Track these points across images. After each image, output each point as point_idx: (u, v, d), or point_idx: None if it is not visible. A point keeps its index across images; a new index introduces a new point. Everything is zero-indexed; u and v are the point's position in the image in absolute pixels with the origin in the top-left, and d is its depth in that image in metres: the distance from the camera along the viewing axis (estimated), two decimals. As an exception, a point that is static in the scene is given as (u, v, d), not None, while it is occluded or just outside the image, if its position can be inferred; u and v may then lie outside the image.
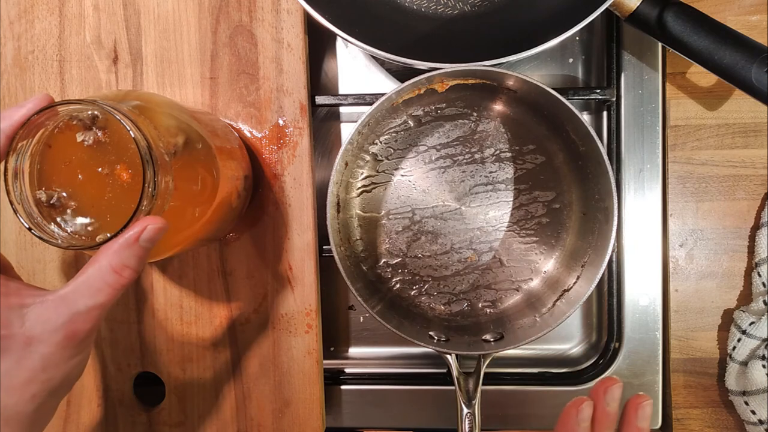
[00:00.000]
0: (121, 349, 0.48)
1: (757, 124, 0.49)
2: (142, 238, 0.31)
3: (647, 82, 0.49)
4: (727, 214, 0.49)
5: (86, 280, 0.31)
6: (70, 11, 0.46)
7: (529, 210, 0.49)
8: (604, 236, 0.43)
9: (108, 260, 0.31)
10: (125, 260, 0.31)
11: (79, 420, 0.48)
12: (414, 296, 0.50)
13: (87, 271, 0.31)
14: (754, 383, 0.46)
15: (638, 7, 0.42)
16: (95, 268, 0.31)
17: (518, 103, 0.47)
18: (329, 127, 0.53)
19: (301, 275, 0.47)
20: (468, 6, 0.48)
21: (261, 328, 0.47)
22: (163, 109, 0.36)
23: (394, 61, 0.41)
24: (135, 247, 0.31)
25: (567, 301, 0.45)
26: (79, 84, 0.46)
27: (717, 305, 0.50)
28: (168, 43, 0.46)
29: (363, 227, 0.50)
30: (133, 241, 0.31)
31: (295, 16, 0.45)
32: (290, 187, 0.46)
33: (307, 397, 0.47)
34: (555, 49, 0.52)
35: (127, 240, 0.31)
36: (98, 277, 0.31)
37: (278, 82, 0.46)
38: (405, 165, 0.49)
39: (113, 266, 0.31)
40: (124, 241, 0.31)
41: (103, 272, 0.31)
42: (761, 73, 0.39)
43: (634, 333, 0.50)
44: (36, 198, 0.32)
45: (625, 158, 0.49)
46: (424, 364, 0.54)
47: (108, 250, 0.31)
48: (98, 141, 0.32)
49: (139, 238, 0.31)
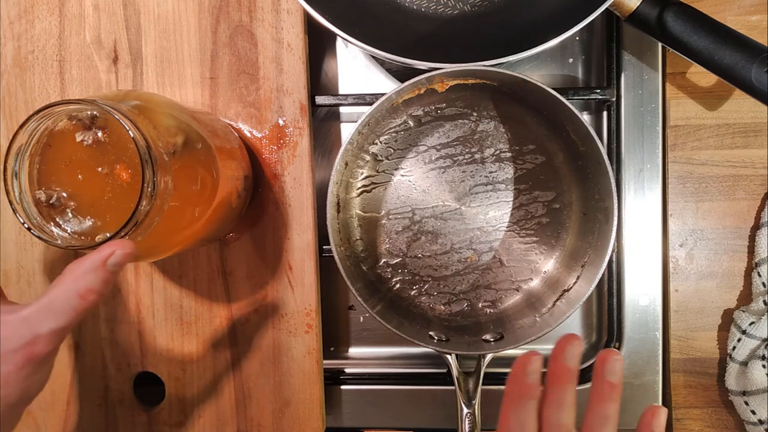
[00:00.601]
0: (121, 349, 0.48)
1: (757, 124, 0.49)
2: (109, 262, 0.30)
3: (647, 82, 0.49)
4: (727, 214, 0.49)
5: (50, 302, 0.30)
6: (70, 11, 0.46)
7: (529, 210, 0.49)
8: (604, 236, 0.43)
9: (74, 284, 0.30)
10: (90, 284, 0.30)
11: (79, 420, 0.48)
12: (414, 296, 0.50)
13: (51, 293, 0.31)
14: (754, 383, 0.46)
15: (638, 7, 0.42)
16: (60, 290, 0.31)
17: (518, 103, 0.47)
18: (329, 127, 0.53)
19: (301, 275, 0.47)
20: (468, 6, 0.48)
21: (261, 328, 0.47)
22: (162, 109, 0.36)
23: (394, 61, 0.41)
24: (101, 271, 0.30)
25: (567, 301, 0.45)
26: (79, 84, 0.46)
27: (717, 305, 0.50)
28: (168, 43, 0.46)
29: (363, 227, 0.50)
30: (100, 264, 0.30)
31: (295, 16, 0.45)
32: (290, 187, 0.46)
33: (307, 397, 0.47)
34: (555, 49, 0.52)
35: (93, 263, 0.30)
36: (63, 300, 0.30)
37: (278, 82, 0.46)
38: (405, 165, 0.49)
39: (78, 290, 0.30)
40: (90, 265, 0.30)
41: (68, 295, 0.30)
42: (761, 73, 0.39)
43: (634, 333, 0.50)
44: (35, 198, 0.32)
45: (625, 158, 0.49)
46: (424, 364, 0.54)
47: (73, 273, 0.31)
48: (98, 141, 0.32)
49: (106, 261, 0.30)
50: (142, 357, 0.48)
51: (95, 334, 0.48)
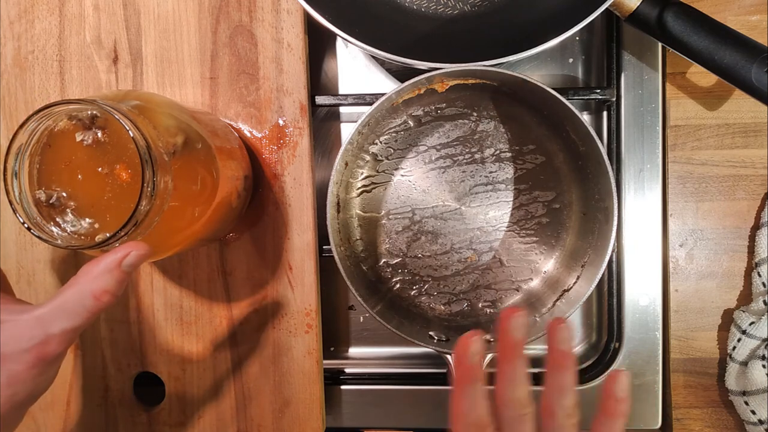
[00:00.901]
0: (121, 349, 0.48)
1: (757, 124, 0.49)
2: (125, 263, 0.31)
3: (647, 82, 0.49)
4: (727, 214, 0.49)
5: (64, 302, 0.30)
6: (70, 11, 0.46)
7: (529, 210, 0.49)
8: (604, 236, 0.43)
9: (89, 285, 0.30)
10: (105, 285, 0.30)
11: (79, 420, 0.48)
12: (414, 296, 0.50)
13: (65, 293, 0.31)
14: (754, 383, 0.46)
15: (638, 7, 0.42)
16: (74, 291, 0.31)
17: (518, 103, 0.47)
18: (329, 127, 0.53)
19: (301, 275, 0.47)
20: (468, 6, 0.48)
21: (261, 328, 0.47)
22: (162, 109, 0.36)
23: (394, 61, 0.41)
24: (116, 272, 0.31)
25: (567, 301, 0.45)
26: (79, 84, 0.46)
27: (717, 305, 0.50)
28: (168, 43, 0.46)
29: (363, 227, 0.50)
30: (116, 265, 0.30)
31: (295, 16, 0.45)
32: (290, 187, 0.46)
33: (307, 397, 0.47)
34: (555, 49, 0.52)
35: (109, 265, 0.30)
36: (77, 300, 0.30)
37: (278, 82, 0.46)
38: (405, 165, 0.49)
39: (93, 291, 0.30)
40: (106, 266, 0.30)
41: (83, 296, 0.30)
42: (761, 73, 0.39)
43: (634, 333, 0.50)
44: (35, 198, 0.32)
45: (625, 158, 0.49)
46: (424, 364, 0.54)
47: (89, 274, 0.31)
48: (98, 141, 0.32)
49: (121, 262, 0.30)
50: (142, 357, 0.48)
51: (95, 334, 0.48)
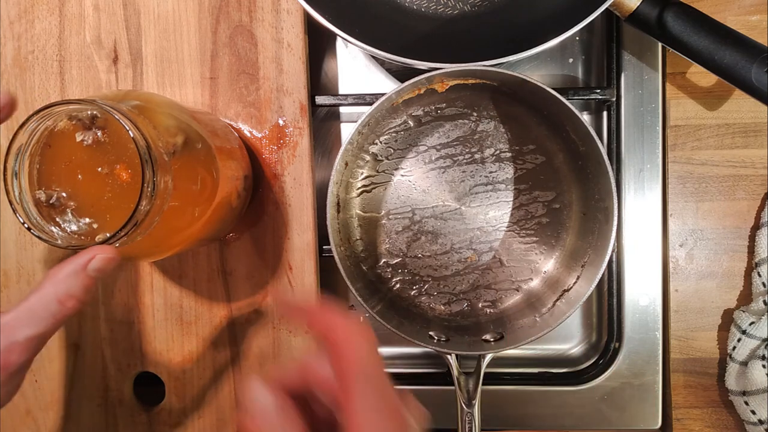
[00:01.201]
0: (121, 349, 0.48)
1: (757, 124, 0.49)
2: (90, 266, 0.30)
3: (647, 82, 0.49)
4: (727, 214, 0.49)
5: (29, 308, 0.29)
6: (70, 11, 0.46)
7: (529, 210, 0.49)
8: (604, 236, 0.43)
9: (54, 288, 0.29)
10: (71, 289, 0.30)
11: (79, 420, 0.48)
12: (414, 296, 0.50)
13: (30, 298, 0.30)
14: (754, 383, 0.46)
15: (638, 7, 0.42)
16: (39, 296, 0.30)
17: (518, 103, 0.47)
18: (329, 127, 0.53)
19: (301, 275, 0.47)
20: (468, 6, 0.48)
21: (261, 328, 0.47)
22: (162, 109, 0.36)
23: (394, 61, 0.41)
24: (82, 276, 0.30)
25: (567, 301, 0.45)
26: (79, 84, 0.46)
27: (717, 305, 0.50)
28: (168, 43, 0.46)
29: (363, 227, 0.50)
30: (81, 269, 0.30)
31: (295, 16, 0.45)
32: (290, 187, 0.46)
33: (307, 397, 0.47)
34: (555, 49, 0.52)
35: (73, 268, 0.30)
36: (41, 306, 0.29)
37: (278, 82, 0.46)
38: (405, 165, 0.49)
39: (58, 295, 0.29)
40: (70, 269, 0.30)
41: (47, 301, 0.29)
42: (761, 73, 0.39)
43: (634, 333, 0.50)
44: (35, 198, 0.32)
45: (625, 158, 0.49)
46: (424, 364, 0.54)
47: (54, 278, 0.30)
48: (98, 141, 0.32)
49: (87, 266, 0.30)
50: (142, 357, 0.48)
51: (95, 334, 0.48)
